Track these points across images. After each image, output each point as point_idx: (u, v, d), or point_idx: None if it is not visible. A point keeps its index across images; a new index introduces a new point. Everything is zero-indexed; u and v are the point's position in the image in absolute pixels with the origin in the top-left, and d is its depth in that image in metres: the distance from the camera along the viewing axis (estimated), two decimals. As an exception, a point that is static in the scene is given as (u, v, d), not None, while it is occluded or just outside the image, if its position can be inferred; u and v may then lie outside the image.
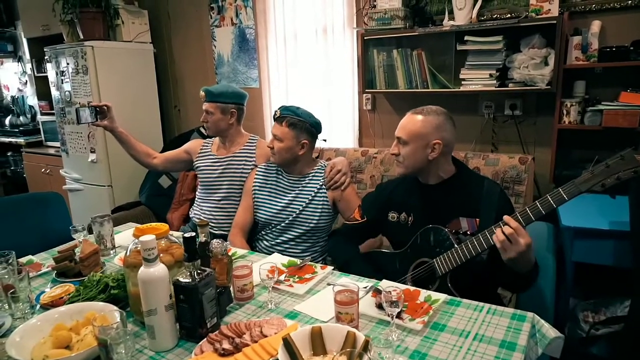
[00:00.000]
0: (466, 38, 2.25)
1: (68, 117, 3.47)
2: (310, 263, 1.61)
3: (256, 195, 2.10)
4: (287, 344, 1.00)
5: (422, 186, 1.61)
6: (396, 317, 1.14)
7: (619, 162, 1.19)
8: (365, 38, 2.56)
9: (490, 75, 2.22)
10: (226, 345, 1.08)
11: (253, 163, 2.24)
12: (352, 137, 2.96)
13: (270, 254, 1.77)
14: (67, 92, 3.39)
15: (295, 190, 2.04)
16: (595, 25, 2.08)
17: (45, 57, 3.55)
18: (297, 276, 1.52)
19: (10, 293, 1.26)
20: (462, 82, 2.32)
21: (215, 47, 3.52)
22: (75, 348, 1.09)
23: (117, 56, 3.36)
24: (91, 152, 3.38)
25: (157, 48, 3.71)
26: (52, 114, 3.90)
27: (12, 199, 2.51)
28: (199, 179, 2.35)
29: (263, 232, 2.10)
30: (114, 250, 1.79)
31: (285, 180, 2.08)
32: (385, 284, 1.36)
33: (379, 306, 1.25)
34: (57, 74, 3.45)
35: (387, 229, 1.72)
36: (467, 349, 1.08)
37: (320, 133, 2.07)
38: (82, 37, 3.32)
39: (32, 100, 4.91)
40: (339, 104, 2.96)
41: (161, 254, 1.19)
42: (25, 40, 4.49)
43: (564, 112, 2.14)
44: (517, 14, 2.24)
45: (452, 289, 1.43)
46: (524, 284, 1.43)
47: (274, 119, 2.02)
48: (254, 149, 2.29)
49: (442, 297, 1.30)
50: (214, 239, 1.37)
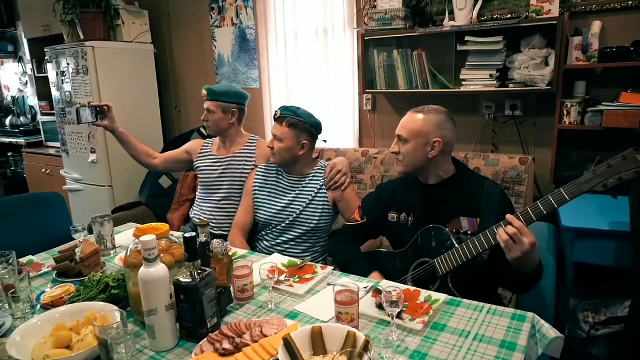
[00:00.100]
0: (466, 38, 2.25)
1: (68, 117, 3.47)
2: (310, 263, 1.61)
3: (256, 196, 2.10)
4: (287, 343, 1.00)
5: (422, 186, 1.62)
6: (396, 317, 1.14)
7: (621, 162, 1.19)
8: (365, 38, 2.56)
9: (491, 75, 2.22)
10: (226, 345, 1.08)
11: (253, 163, 2.24)
12: (352, 137, 2.96)
13: (270, 254, 1.77)
14: (67, 92, 3.39)
15: (295, 191, 2.04)
16: (596, 26, 2.08)
17: (46, 57, 3.55)
18: (297, 276, 1.52)
19: (11, 293, 1.26)
20: (463, 83, 2.32)
21: (215, 47, 3.52)
22: (76, 348, 1.10)
23: (117, 56, 3.36)
24: (91, 152, 3.38)
25: (158, 48, 3.71)
26: (52, 114, 3.91)
27: (12, 199, 2.52)
28: (199, 179, 2.35)
29: (263, 232, 2.10)
30: (114, 250, 1.79)
31: (285, 181, 2.08)
32: (386, 284, 1.36)
33: (379, 306, 1.25)
34: (57, 74, 3.45)
35: (387, 229, 1.72)
36: (467, 349, 1.08)
37: (320, 133, 2.07)
38: (82, 37, 3.33)
39: (32, 100, 4.91)
40: (339, 104, 2.96)
41: (161, 254, 1.19)
42: (25, 41, 4.49)
43: (564, 112, 2.14)
44: (518, 14, 2.25)
45: (453, 289, 1.43)
46: (528, 284, 1.43)
47: (274, 119, 2.02)
48: (254, 149, 2.29)
49: (442, 297, 1.30)
50: (214, 239, 1.37)
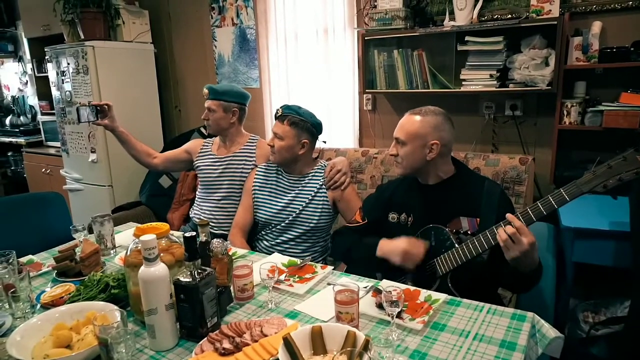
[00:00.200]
0: (467, 38, 2.25)
1: (68, 117, 3.47)
2: (310, 263, 1.61)
3: (256, 195, 2.10)
4: (288, 343, 1.00)
5: (422, 186, 1.61)
6: (396, 317, 1.14)
7: (622, 163, 1.19)
8: (365, 38, 2.56)
9: (491, 75, 2.23)
10: (226, 344, 1.08)
11: (253, 163, 2.25)
12: (352, 137, 2.96)
13: (270, 254, 1.77)
14: (67, 92, 3.39)
15: (295, 190, 2.04)
16: (596, 26, 2.08)
17: (46, 57, 3.55)
18: (297, 276, 1.52)
19: (11, 292, 1.26)
20: (463, 83, 2.32)
21: (215, 47, 3.52)
22: (76, 347, 1.10)
23: (117, 56, 3.36)
24: (91, 152, 3.38)
25: (158, 48, 3.71)
26: (52, 114, 3.91)
27: (12, 199, 2.52)
28: (199, 179, 2.35)
29: (263, 232, 2.10)
30: (114, 250, 1.79)
31: (285, 180, 2.08)
32: (386, 284, 1.36)
33: (379, 306, 1.25)
34: (57, 74, 3.45)
35: (387, 230, 1.71)
36: (467, 348, 1.08)
37: (320, 134, 2.07)
38: (82, 37, 3.33)
39: (32, 100, 4.91)
40: (339, 104, 2.96)
41: (162, 254, 1.19)
42: (25, 40, 4.49)
43: (565, 112, 2.14)
44: (518, 14, 2.25)
45: (453, 289, 1.43)
46: (527, 284, 1.43)
47: (276, 117, 2.02)
48: (254, 149, 2.29)
49: (442, 297, 1.30)
50: (215, 239, 1.37)
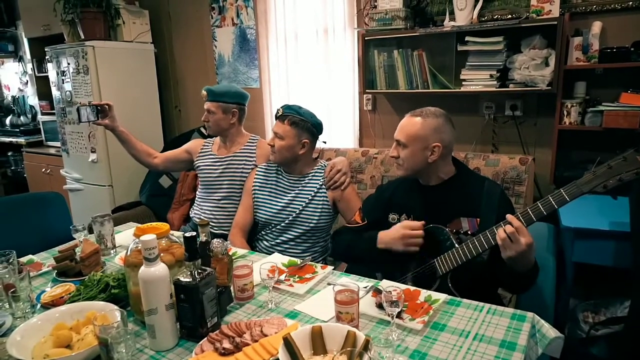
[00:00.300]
0: (467, 38, 2.25)
1: (69, 117, 3.47)
2: (310, 263, 1.61)
3: (256, 195, 2.10)
4: (288, 343, 1.00)
5: (422, 187, 1.61)
6: (396, 317, 1.14)
7: (622, 164, 1.19)
8: (365, 38, 2.56)
9: (491, 75, 2.23)
10: (226, 344, 1.08)
11: (253, 163, 2.25)
12: (352, 137, 2.96)
13: (270, 254, 1.78)
14: (67, 92, 3.39)
15: (295, 190, 2.05)
16: (596, 26, 2.08)
17: (46, 57, 3.55)
18: (297, 276, 1.52)
19: (11, 292, 1.26)
20: (463, 83, 2.32)
21: (216, 47, 3.52)
22: (76, 347, 1.10)
23: (117, 56, 3.36)
24: (92, 152, 3.38)
25: (158, 48, 3.71)
26: (52, 113, 3.91)
27: (12, 199, 2.52)
28: (200, 179, 2.36)
29: (263, 232, 2.10)
30: (114, 250, 1.79)
31: (285, 180, 2.08)
32: (386, 284, 1.36)
33: (379, 306, 1.25)
34: (57, 73, 3.45)
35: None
36: (467, 348, 1.08)
37: (321, 134, 2.07)
38: (83, 37, 3.33)
39: (32, 100, 4.91)
40: (339, 104, 2.96)
41: (162, 254, 1.19)
42: (26, 40, 4.49)
43: (565, 112, 2.14)
44: (518, 14, 2.25)
45: (453, 289, 1.43)
46: (524, 284, 1.43)
47: (276, 117, 2.02)
48: (255, 149, 2.29)
49: (442, 297, 1.30)
50: (215, 239, 1.37)
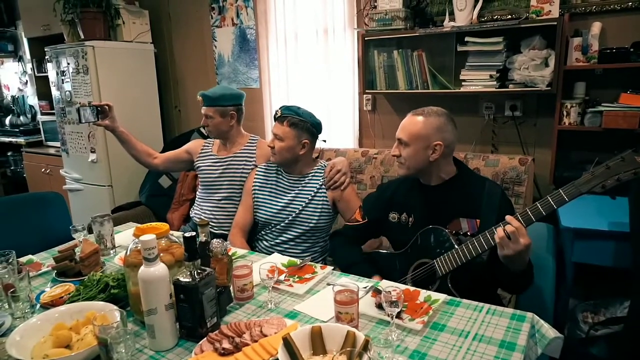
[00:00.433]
0: (466, 39, 2.25)
1: (68, 117, 3.47)
2: (310, 263, 1.61)
3: (256, 195, 2.10)
4: (287, 343, 1.00)
5: (423, 187, 1.62)
6: (396, 317, 1.14)
7: (620, 164, 1.20)
8: (365, 39, 2.56)
9: (491, 76, 2.23)
10: (226, 344, 1.08)
11: (253, 163, 2.25)
12: (352, 137, 2.96)
13: (270, 254, 1.78)
14: (67, 92, 3.39)
15: (295, 190, 2.05)
16: (596, 27, 2.08)
17: (46, 57, 3.55)
18: (297, 276, 1.52)
19: (11, 292, 1.26)
20: (463, 83, 2.32)
21: (215, 47, 3.52)
22: (76, 347, 1.10)
23: (117, 56, 3.36)
24: (91, 152, 3.38)
25: (158, 48, 3.71)
26: (52, 113, 3.90)
27: (12, 199, 2.52)
28: (200, 179, 2.36)
29: (263, 232, 2.10)
30: (114, 250, 1.79)
31: (285, 180, 2.08)
32: (385, 284, 1.36)
33: (379, 306, 1.25)
34: (57, 73, 3.45)
35: (388, 230, 1.72)
36: (466, 349, 1.08)
37: (320, 133, 2.07)
38: (82, 37, 3.33)
39: (32, 100, 4.91)
40: (339, 105, 2.96)
41: (161, 254, 1.19)
42: (25, 40, 4.49)
43: (564, 113, 2.14)
44: (518, 15, 2.25)
45: (452, 289, 1.43)
46: (521, 283, 1.43)
47: (275, 119, 2.02)
48: (254, 149, 2.29)
49: (441, 297, 1.30)
50: (214, 239, 1.37)
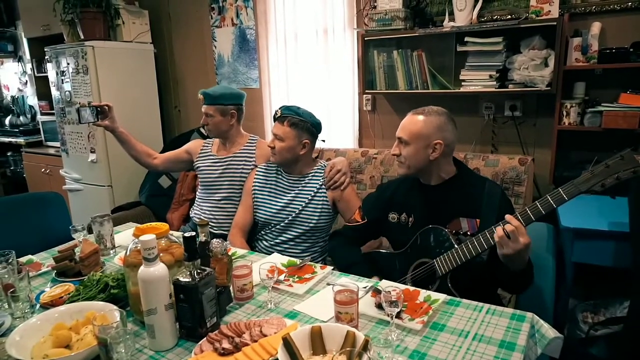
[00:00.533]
0: (466, 39, 2.26)
1: (68, 117, 3.47)
2: (310, 263, 1.61)
3: (256, 195, 2.10)
4: (287, 343, 1.00)
5: (423, 187, 1.62)
6: (396, 317, 1.14)
7: (619, 162, 1.20)
8: (365, 39, 2.56)
9: (490, 76, 2.23)
10: (226, 344, 1.08)
11: (253, 163, 2.25)
12: (352, 137, 2.96)
13: (269, 254, 1.78)
14: (67, 92, 3.39)
15: (295, 190, 2.05)
16: (595, 27, 2.08)
17: (46, 57, 3.55)
18: (296, 276, 1.52)
19: (10, 292, 1.26)
20: (462, 83, 2.32)
21: (215, 47, 3.52)
22: (75, 347, 1.10)
23: (117, 56, 3.36)
24: (91, 152, 3.38)
25: (158, 48, 3.71)
26: (52, 114, 3.90)
27: (12, 199, 2.52)
28: (200, 179, 2.36)
29: (263, 232, 2.10)
30: (113, 250, 1.79)
31: (285, 180, 2.08)
32: (385, 284, 1.36)
33: (379, 306, 1.25)
34: (57, 74, 3.45)
35: (387, 230, 1.72)
36: (466, 348, 1.08)
37: (320, 133, 2.07)
38: (82, 37, 3.33)
39: (32, 100, 4.91)
40: (339, 105, 2.96)
41: (161, 254, 1.19)
42: (25, 40, 4.49)
43: (564, 113, 2.14)
44: (517, 15, 2.25)
45: (452, 289, 1.43)
46: (521, 282, 1.43)
47: (275, 119, 2.02)
48: (254, 149, 2.29)
49: (441, 297, 1.30)
50: (214, 239, 1.37)
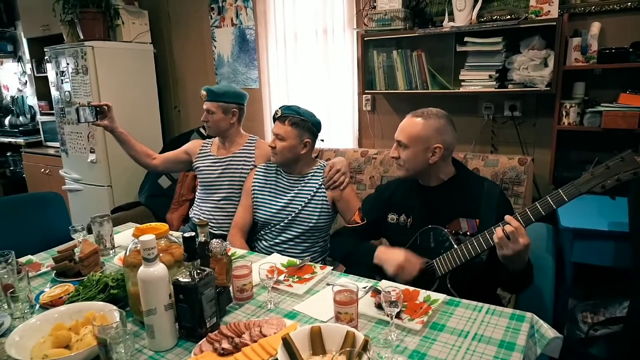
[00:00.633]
0: (466, 39, 2.26)
1: (68, 117, 3.47)
2: (309, 263, 1.61)
3: (255, 195, 2.10)
4: (287, 343, 1.00)
5: (422, 188, 1.61)
6: (395, 317, 1.14)
7: (619, 164, 1.20)
8: (365, 39, 2.56)
9: (490, 76, 2.23)
10: (225, 345, 1.08)
11: (252, 163, 2.25)
12: (351, 137, 2.96)
13: (269, 254, 1.78)
14: (66, 92, 3.39)
15: (294, 190, 2.05)
16: (595, 27, 2.08)
17: (45, 57, 3.55)
18: (296, 276, 1.52)
19: (10, 293, 1.26)
20: (462, 83, 2.32)
21: (215, 47, 3.52)
22: (75, 347, 1.10)
23: (117, 56, 3.36)
24: (91, 152, 3.38)
25: (157, 48, 3.71)
26: (51, 114, 3.90)
27: (11, 199, 2.52)
28: (199, 180, 2.35)
29: (262, 232, 2.10)
30: (113, 250, 1.79)
31: (285, 180, 2.08)
32: (385, 284, 1.36)
33: (378, 306, 1.25)
34: (57, 74, 3.45)
35: (387, 231, 1.72)
36: (466, 348, 1.08)
37: (319, 132, 2.07)
38: (82, 37, 3.33)
39: (31, 100, 4.91)
40: (338, 105, 2.96)
41: (161, 254, 1.19)
42: (25, 40, 4.49)
43: (564, 113, 2.14)
44: (517, 15, 2.25)
45: (452, 290, 1.43)
46: (521, 282, 1.43)
47: (275, 119, 2.01)
48: (254, 149, 2.29)
49: (441, 297, 1.30)
50: (214, 239, 1.37)
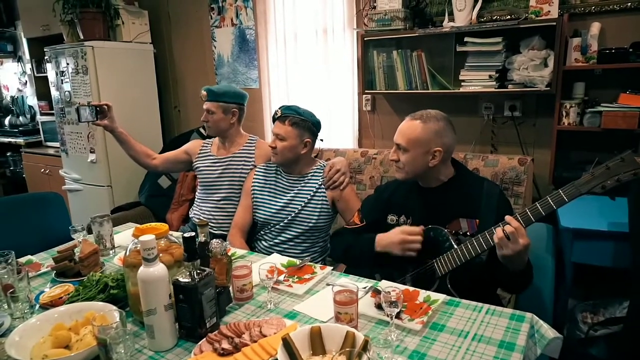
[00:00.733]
0: (466, 39, 2.26)
1: (68, 117, 3.47)
2: (309, 263, 1.61)
3: (255, 195, 2.11)
4: (287, 343, 1.00)
5: (422, 189, 1.61)
6: (395, 317, 1.14)
7: (619, 164, 1.20)
8: (365, 39, 2.56)
9: (490, 76, 2.23)
10: (225, 345, 1.08)
11: (252, 163, 2.25)
12: (351, 137, 2.96)
13: (269, 254, 1.78)
14: (66, 92, 3.39)
15: (294, 190, 2.05)
16: (595, 27, 2.08)
17: (45, 57, 3.55)
18: (296, 276, 1.52)
19: (10, 293, 1.26)
20: (462, 84, 2.32)
21: (215, 47, 3.52)
22: (75, 348, 1.10)
23: (117, 56, 3.36)
24: (91, 152, 3.38)
25: (157, 48, 3.71)
26: (51, 114, 3.90)
27: (11, 199, 2.52)
28: (199, 180, 2.35)
29: (262, 232, 2.10)
30: (113, 250, 1.79)
31: (285, 180, 2.08)
32: (385, 285, 1.36)
33: (378, 306, 1.25)
34: (57, 74, 3.45)
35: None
36: (466, 349, 1.08)
37: (319, 132, 2.07)
38: (82, 37, 3.33)
39: (31, 100, 4.91)
40: (338, 105, 2.96)
41: (161, 254, 1.19)
42: (25, 40, 4.49)
43: (564, 113, 2.15)
44: (517, 15, 2.25)
45: (452, 290, 1.43)
46: (521, 282, 1.43)
47: (275, 119, 2.01)
48: (253, 149, 2.29)
49: (441, 297, 1.30)
50: (214, 239, 1.37)
